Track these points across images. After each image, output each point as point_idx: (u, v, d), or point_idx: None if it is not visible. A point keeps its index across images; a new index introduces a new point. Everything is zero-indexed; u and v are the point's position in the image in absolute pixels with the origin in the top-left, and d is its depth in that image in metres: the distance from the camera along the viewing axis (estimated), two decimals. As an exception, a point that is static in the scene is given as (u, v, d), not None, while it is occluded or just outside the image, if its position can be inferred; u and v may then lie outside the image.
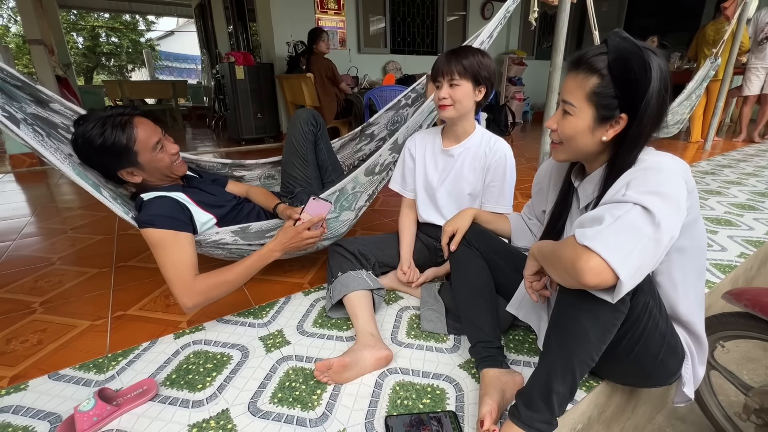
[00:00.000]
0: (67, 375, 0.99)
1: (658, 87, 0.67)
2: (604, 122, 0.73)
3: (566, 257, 0.64)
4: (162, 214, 1.05)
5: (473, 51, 1.15)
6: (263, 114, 4.63)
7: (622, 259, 0.59)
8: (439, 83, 1.17)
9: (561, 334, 0.71)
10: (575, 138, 0.77)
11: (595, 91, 0.71)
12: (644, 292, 0.70)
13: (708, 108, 3.99)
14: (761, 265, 1.73)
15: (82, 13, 14.25)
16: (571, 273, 0.63)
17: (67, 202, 2.61)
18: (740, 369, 1.41)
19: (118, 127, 1.06)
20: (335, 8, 4.72)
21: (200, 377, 0.97)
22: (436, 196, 1.32)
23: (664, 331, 0.75)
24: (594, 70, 0.71)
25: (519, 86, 6.29)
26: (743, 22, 3.31)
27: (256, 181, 1.72)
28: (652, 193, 0.63)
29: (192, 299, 1.03)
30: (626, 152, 0.72)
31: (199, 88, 8.99)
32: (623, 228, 0.61)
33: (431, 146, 1.32)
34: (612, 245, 0.59)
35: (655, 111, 0.69)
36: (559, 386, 0.71)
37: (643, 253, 0.60)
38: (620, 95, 0.70)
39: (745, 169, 3.08)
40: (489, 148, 1.25)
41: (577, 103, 0.74)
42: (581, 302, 0.68)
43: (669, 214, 0.62)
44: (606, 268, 0.59)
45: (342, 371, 0.93)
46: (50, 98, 1.16)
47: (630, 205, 0.63)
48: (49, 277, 1.53)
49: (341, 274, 1.20)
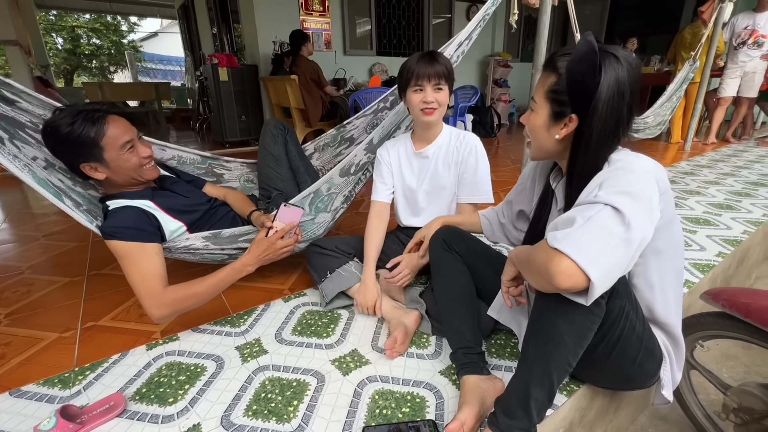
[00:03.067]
0: (29, 391, 0.94)
1: (609, 92, 0.67)
2: (558, 120, 0.75)
3: (539, 261, 0.63)
4: (126, 226, 1.02)
5: (442, 55, 1.18)
6: (247, 116, 4.57)
7: (593, 260, 0.58)
8: (420, 87, 1.15)
9: (538, 339, 0.71)
10: (534, 134, 0.80)
11: (552, 89, 0.75)
12: (620, 296, 0.70)
13: (687, 110, 4.08)
14: (739, 264, 1.76)
15: (62, 14, 13.93)
16: (544, 276, 0.62)
17: (43, 207, 2.52)
18: (720, 367, 1.43)
19: (89, 120, 1.03)
20: (320, 10, 4.69)
21: (172, 390, 0.93)
22: (417, 199, 1.32)
23: (642, 334, 0.75)
24: (554, 69, 0.74)
25: (504, 88, 6.35)
26: (719, 26, 3.39)
27: (236, 181, 1.69)
28: (623, 193, 0.62)
29: (160, 311, 1.00)
30: (578, 153, 0.73)
31: (183, 90, 8.86)
32: (593, 229, 0.60)
33: (404, 151, 1.33)
34: (582, 247, 0.59)
35: (607, 116, 0.68)
36: (537, 392, 0.70)
37: (614, 253, 0.59)
38: (571, 95, 0.71)
39: (723, 169, 3.14)
40: (459, 142, 1.27)
41: (538, 100, 0.78)
42: (557, 306, 0.67)
43: (639, 213, 0.61)
44: (577, 270, 0.58)
45: (407, 341, 1.06)
46: (20, 95, 1.10)
47: (601, 205, 0.62)
48: (17, 287, 1.47)
49: (330, 273, 1.24)
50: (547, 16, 1.76)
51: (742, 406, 0.90)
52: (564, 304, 0.65)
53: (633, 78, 0.69)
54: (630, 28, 6.45)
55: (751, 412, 0.88)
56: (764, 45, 3.75)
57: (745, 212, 2.10)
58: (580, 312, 0.65)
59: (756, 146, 4.14)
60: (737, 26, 3.83)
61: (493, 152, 4.13)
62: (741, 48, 3.83)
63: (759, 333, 0.86)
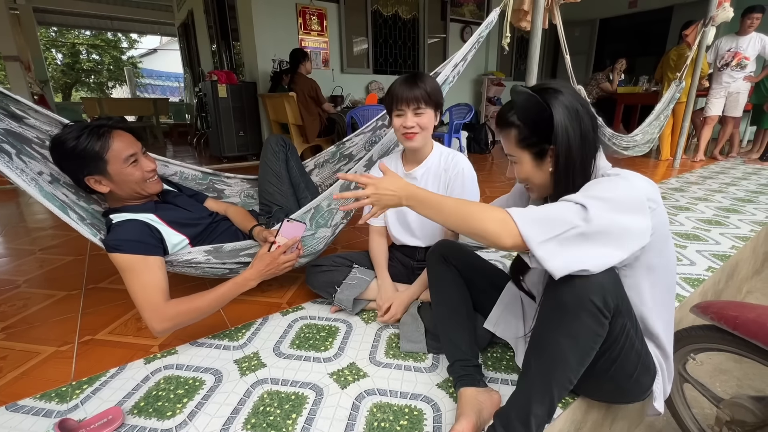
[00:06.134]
0: (26, 405, 0.94)
1: (564, 117, 0.74)
2: (541, 158, 0.81)
3: (488, 220, 0.71)
4: (130, 239, 1.04)
5: (428, 77, 1.17)
6: (245, 132, 4.62)
7: (530, 223, 0.68)
8: (401, 112, 1.15)
9: (540, 356, 0.72)
10: (530, 178, 0.85)
11: (519, 139, 0.81)
12: (622, 315, 0.72)
13: (675, 128, 4.19)
14: (728, 278, 1.80)
15: (63, 31, 14.11)
16: (489, 233, 0.71)
17: (38, 221, 2.52)
18: (713, 381, 1.44)
19: (94, 134, 1.06)
20: (318, 29, 4.81)
21: (170, 404, 0.93)
22: (407, 219, 1.34)
23: (640, 350, 0.77)
24: (510, 124, 0.82)
25: (498, 106, 6.49)
26: (703, 48, 3.53)
27: (236, 197, 1.71)
28: (595, 198, 0.68)
29: (161, 324, 1.01)
30: (564, 169, 0.78)
31: (182, 106, 8.95)
32: (550, 211, 0.69)
33: (394, 171, 1.35)
34: (528, 216, 0.69)
35: (574, 135, 0.75)
36: (538, 408, 0.71)
37: (566, 239, 0.67)
38: (535, 134, 0.78)
39: (711, 185, 3.22)
40: (447, 164, 1.27)
41: (514, 153, 0.84)
42: (560, 326, 0.69)
43: (605, 215, 0.67)
44: (518, 233, 0.68)
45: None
46: (27, 112, 1.13)
47: (571, 203, 0.69)
48: (13, 301, 1.46)
49: (337, 287, 1.28)
50: (538, 38, 1.83)
51: (735, 419, 0.92)
52: (568, 322, 0.68)
53: (576, 97, 0.77)
54: (619, 49, 6.66)
55: (743, 424, 0.90)
56: (747, 67, 3.90)
57: (733, 228, 2.15)
58: (584, 330, 0.68)
59: (743, 164, 4.25)
60: (721, 48, 3.98)
61: (488, 168, 4.20)
62: (725, 69, 3.98)
63: (747, 345, 0.88)
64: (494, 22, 1.71)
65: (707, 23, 3.41)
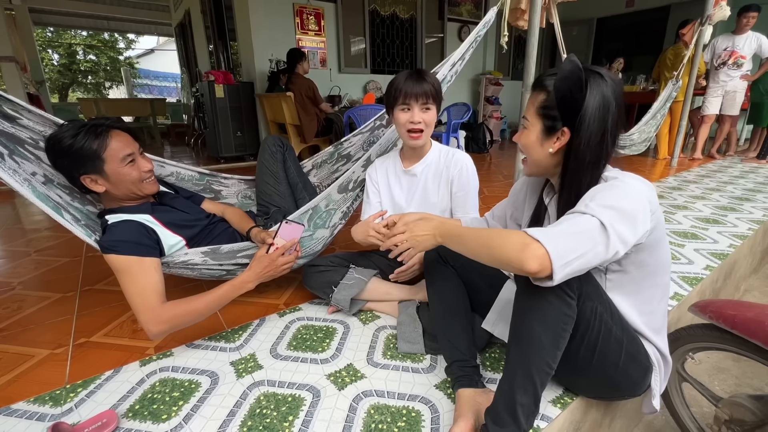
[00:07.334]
0: (19, 409, 0.93)
1: (594, 106, 0.73)
2: (550, 135, 0.79)
3: (509, 245, 0.67)
4: (125, 240, 1.02)
5: (431, 74, 1.17)
6: (243, 132, 4.61)
7: (561, 256, 0.64)
8: (407, 106, 1.15)
9: (518, 344, 0.74)
10: (529, 150, 0.84)
11: (542, 106, 0.80)
12: (591, 298, 0.73)
13: (673, 127, 4.20)
14: (726, 276, 1.79)
15: (59, 31, 14.04)
16: (513, 260, 0.66)
17: (34, 223, 2.50)
18: (711, 380, 1.44)
19: (92, 133, 1.05)
20: (315, 29, 4.80)
21: (166, 407, 0.92)
22: None
23: (620, 337, 0.77)
24: (542, 88, 0.80)
25: (496, 105, 6.49)
26: (700, 47, 3.53)
27: (233, 198, 1.70)
28: (611, 208, 0.67)
29: (157, 327, 1.00)
30: (569, 165, 0.77)
31: (179, 106, 8.91)
32: (575, 231, 0.66)
33: (392, 169, 1.35)
34: (556, 241, 0.65)
35: (594, 127, 0.73)
36: (522, 397, 0.72)
37: (582, 259, 0.65)
38: (560, 109, 0.76)
39: (709, 184, 3.22)
40: (448, 161, 1.28)
41: (530, 117, 0.83)
42: (532, 310, 0.71)
43: (622, 231, 0.66)
44: (547, 259, 0.63)
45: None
46: (20, 113, 1.12)
47: (588, 216, 0.67)
48: (7, 303, 1.45)
49: (334, 287, 1.26)
50: (536, 38, 1.83)
51: (734, 418, 0.92)
52: (537, 304, 0.70)
53: (617, 94, 0.74)
54: (616, 48, 6.66)
55: (742, 423, 0.89)
56: (743, 65, 3.91)
57: (731, 226, 2.15)
58: (553, 312, 0.70)
59: (740, 162, 4.26)
60: (717, 47, 3.99)
61: (486, 168, 4.19)
62: (721, 68, 3.98)
63: (745, 344, 0.88)
64: (492, 21, 1.70)
65: (704, 22, 3.41)
